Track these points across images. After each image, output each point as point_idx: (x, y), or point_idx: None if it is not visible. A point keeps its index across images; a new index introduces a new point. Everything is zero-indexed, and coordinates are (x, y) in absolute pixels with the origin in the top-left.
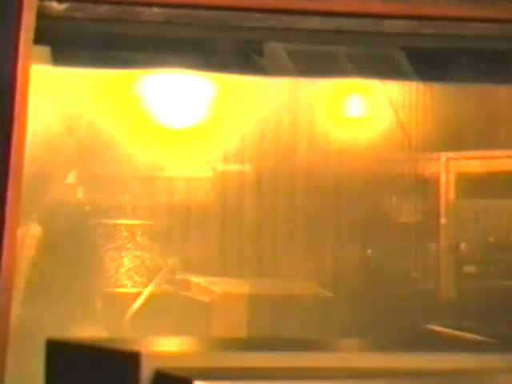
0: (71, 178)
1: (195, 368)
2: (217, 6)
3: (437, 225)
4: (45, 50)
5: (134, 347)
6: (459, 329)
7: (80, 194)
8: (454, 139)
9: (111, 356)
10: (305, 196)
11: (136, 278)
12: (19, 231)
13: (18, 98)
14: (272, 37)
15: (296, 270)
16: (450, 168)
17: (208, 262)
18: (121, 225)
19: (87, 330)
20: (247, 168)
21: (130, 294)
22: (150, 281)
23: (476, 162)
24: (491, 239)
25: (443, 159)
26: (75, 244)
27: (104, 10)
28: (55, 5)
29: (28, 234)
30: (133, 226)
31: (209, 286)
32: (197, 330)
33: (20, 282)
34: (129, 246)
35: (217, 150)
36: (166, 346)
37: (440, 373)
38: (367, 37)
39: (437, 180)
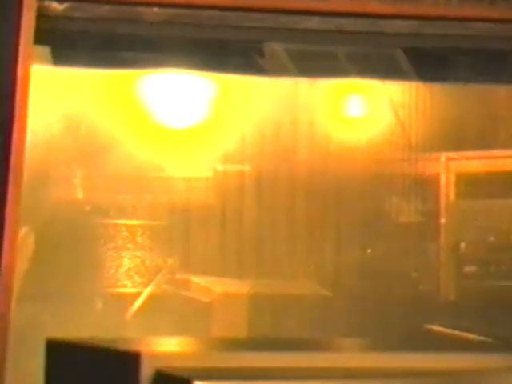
0: (71, 178)
1: (195, 368)
2: (217, 6)
3: (437, 225)
4: (45, 50)
5: (134, 347)
6: (459, 329)
7: (80, 194)
8: (454, 139)
9: (111, 356)
10: (305, 196)
11: (136, 278)
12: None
13: (18, 98)
14: (272, 37)
15: (296, 270)
16: (449, 168)
17: (208, 262)
18: (121, 225)
19: (87, 330)
20: (247, 168)
21: (130, 293)
22: (150, 281)
23: (476, 162)
24: (491, 239)
25: (443, 159)
26: (75, 244)
27: (104, 10)
28: (55, 5)
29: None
30: (133, 226)
31: (209, 286)
32: (197, 329)
33: (20, 282)
34: (129, 246)
35: (217, 149)
36: (166, 346)
37: (440, 373)
38: (367, 37)
39: (437, 180)
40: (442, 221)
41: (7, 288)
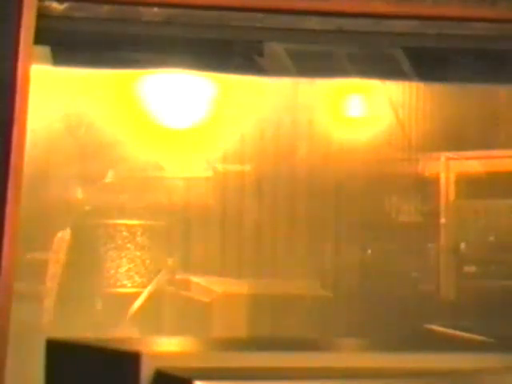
0: (71, 178)
1: (195, 368)
2: (217, 6)
3: (437, 225)
4: (45, 50)
5: (134, 347)
6: (459, 329)
7: (80, 194)
8: (454, 139)
9: (111, 356)
10: (305, 196)
11: (136, 278)
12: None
13: (18, 97)
14: (272, 37)
15: (296, 270)
16: (450, 168)
17: (208, 262)
18: (121, 225)
19: (87, 330)
20: (247, 168)
21: (130, 293)
22: (149, 281)
23: (476, 162)
24: (491, 239)
25: (443, 159)
26: (75, 244)
27: (104, 9)
28: (55, 5)
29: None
30: (133, 226)
31: (209, 286)
32: (197, 330)
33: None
34: (129, 246)
35: (217, 150)
36: (166, 346)
37: (440, 373)
38: (367, 37)
39: (437, 180)
40: (442, 221)
41: (7, 288)
